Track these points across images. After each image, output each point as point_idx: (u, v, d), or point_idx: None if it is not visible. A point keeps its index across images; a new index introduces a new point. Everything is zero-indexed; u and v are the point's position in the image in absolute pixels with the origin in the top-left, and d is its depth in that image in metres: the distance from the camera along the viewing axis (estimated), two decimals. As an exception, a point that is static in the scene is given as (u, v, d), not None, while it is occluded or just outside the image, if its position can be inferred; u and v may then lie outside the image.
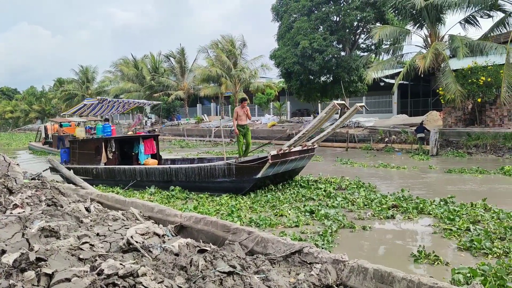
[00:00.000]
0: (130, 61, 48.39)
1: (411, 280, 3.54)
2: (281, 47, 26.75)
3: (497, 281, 4.06)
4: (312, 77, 26.17)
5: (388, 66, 22.54)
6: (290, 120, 33.44)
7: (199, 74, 38.65)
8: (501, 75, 17.97)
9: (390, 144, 20.87)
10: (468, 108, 20.02)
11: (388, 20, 24.33)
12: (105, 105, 13.70)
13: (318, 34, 24.85)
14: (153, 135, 13.58)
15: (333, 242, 6.08)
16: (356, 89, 26.24)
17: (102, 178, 11.90)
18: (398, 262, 5.21)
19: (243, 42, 37.59)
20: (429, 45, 20.88)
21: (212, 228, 5.27)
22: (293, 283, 3.71)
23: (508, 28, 19.75)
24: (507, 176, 11.85)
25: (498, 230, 6.13)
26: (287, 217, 7.54)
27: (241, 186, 9.65)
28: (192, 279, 3.76)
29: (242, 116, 11.86)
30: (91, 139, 12.97)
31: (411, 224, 7.08)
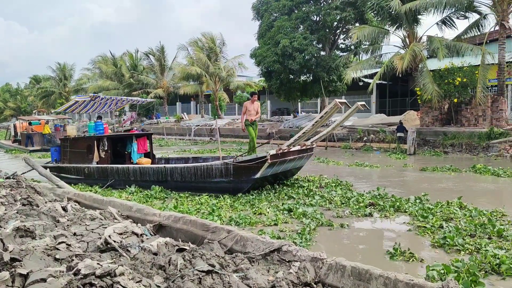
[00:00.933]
0: (109, 58, 47.80)
1: (388, 277, 3.59)
2: (262, 46, 26.79)
3: (470, 277, 4.16)
4: (292, 76, 26.28)
5: (367, 66, 22.80)
6: (270, 119, 33.52)
7: (178, 72, 38.43)
8: (476, 76, 18.39)
9: (368, 143, 21.12)
10: (445, 108, 20.40)
11: (368, 20, 24.61)
12: (98, 102, 13.32)
13: (298, 33, 24.97)
14: (147, 133, 13.26)
15: (311, 240, 6.12)
16: (335, 89, 26.47)
17: (94, 178, 11.52)
18: (374, 259, 5.28)
19: (223, 40, 37.53)
20: (407, 45, 21.21)
21: (191, 227, 5.25)
22: (272, 281, 3.72)
23: (483, 30, 20.22)
24: (478, 174, 12.15)
25: (468, 228, 6.28)
26: (266, 215, 7.56)
27: (239, 187, 9.35)
28: (171, 278, 3.74)
29: (252, 111, 11.20)
30: (83, 137, 12.66)
31: (388, 222, 7.18)
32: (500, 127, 17.79)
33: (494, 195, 9.66)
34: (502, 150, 16.16)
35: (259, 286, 3.68)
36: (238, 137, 29.13)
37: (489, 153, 16.47)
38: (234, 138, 29.13)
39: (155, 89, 41.37)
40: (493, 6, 18.88)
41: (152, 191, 10.02)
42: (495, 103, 18.73)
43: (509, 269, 4.64)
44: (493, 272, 4.69)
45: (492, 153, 16.44)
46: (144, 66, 44.84)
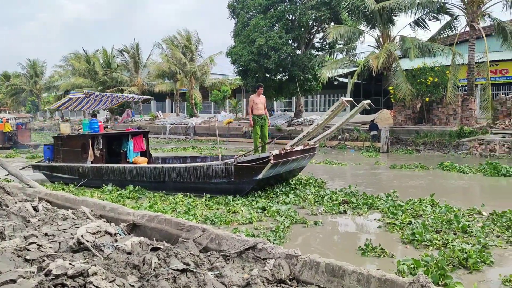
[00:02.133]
0: (82, 55, 46.86)
1: (361, 273, 3.66)
2: (237, 45, 26.76)
3: (438, 271, 4.28)
4: (268, 75, 26.34)
5: (341, 65, 23.07)
6: (246, 118, 33.51)
7: (153, 70, 38.04)
8: (447, 76, 18.85)
9: (343, 141, 21.39)
10: (417, 107, 20.83)
11: (343, 20, 24.86)
12: (92, 99, 12.81)
13: (274, 32, 25.04)
14: (143, 131, 12.89)
15: (285, 237, 6.17)
16: (310, 88, 26.66)
17: (89, 177, 11.13)
18: (347, 255, 5.36)
19: (199, 38, 37.33)
20: (381, 45, 21.55)
21: (165, 226, 5.22)
22: (247, 278, 3.74)
23: (454, 31, 20.73)
24: (445, 171, 12.52)
25: (435, 224, 6.45)
26: (240, 214, 7.58)
27: (240, 188, 9.02)
28: (145, 277, 3.72)
29: (259, 105, 10.65)
30: (77, 135, 12.23)
31: (361, 219, 7.30)
32: (469, 125, 18.29)
33: (460, 191, 9.97)
34: (472, 148, 16.62)
35: (234, 284, 3.70)
36: (214, 135, 29.04)
37: (459, 151, 16.91)
38: (210, 137, 29.04)
39: (129, 87, 40.80)
40: (464, 8, 19.37)
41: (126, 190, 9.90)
42: (465, 103, 19.24)
43: (476, 263, 4.80)
44: (460, 266, 4.84)
45: (462, 151, 16.89)
46: (118, 64, 44.16)
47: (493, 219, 6.65)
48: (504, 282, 4.42)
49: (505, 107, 17.50)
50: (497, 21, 19.30)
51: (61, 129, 13.07)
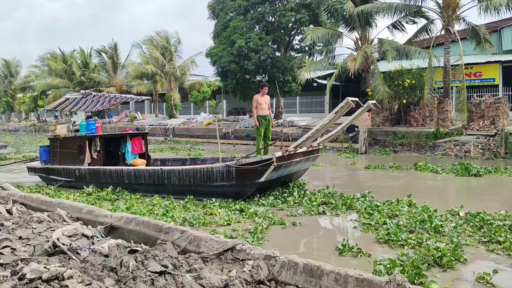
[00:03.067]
0: (58, 55, 46.04)
1: (339, 272, 3.70)
2: (217, 46, 26.70)
3: (414, 270, 4.37)
4: (248, 76, 26.36)
5: (320, 67, 23.25)
6: (226, 119, 33.48)
7: (132, 71, 37.61)
8: (424, 78, 19.18)
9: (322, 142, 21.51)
10: (395, 109, 21.13)
11: (322, 22, 25.06)
12: (89, 99, 12.46)
13: (254, 33, 25.08)
14: (142, 133, 12.58)
15: (263, 238, 6.19)
16: (290, 89, 26.78)
17: (85, 180, 10.86)
18: (325, 255, 5.42)
19: (178, 39, 37.12)
20: (360, 47, 21.80)
21: (143, 228, 5.18)
22: (225, 280, 3.74)
23: (430, 34, 21.12)
24: (419, 172, 12.79)
25: (409, 224, 6.57)
26: (217, 215, 7.56)
27: (242, 191, 8.70)
28: (123, 280, 3.69)
29: (263, 105, 10.37)
30: (73, 137, 11.87)
31: (338, 220, 7.36)
32: (445, 127, 18.65)
33: (434, 191, 10.18)
34: (447, 149, 16.95)
35: (212, 286, 3.69)
36: (193, 136, 28.95)
37: (435, 152, 17.23)
38: (189, 138, 28.92)
39: (108, 88, 40.29)
40: (440, 12, 19.76)
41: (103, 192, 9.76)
42: (441, 104, 19.62)
43: (450, 261, 4.91)
44: (435, 265, 4.94)
45: (438, 152, 17.21)
46: (96, 64, 43.55)
47: (466, 219, 6.78)
48: (478, 279, 4.53)
49: (479, 109, 17.90)
50: (472, 25, 19.75)
51: (57, 130, 12.68)
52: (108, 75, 42.14)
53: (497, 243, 5.58)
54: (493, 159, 15.21)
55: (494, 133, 16.57)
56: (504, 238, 5.65)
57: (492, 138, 16.46)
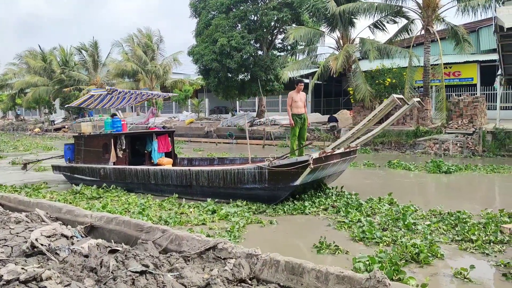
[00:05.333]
0: (38, 53, 45.32)
1: (320, 270, 3.73)
2: (199, 44, 26.59)
3: (392, 266, 4.44)
4: (230, 75, 26.33)
5: (303, 66, 23.36)
6: (208, 118, 33.39)
7: (113, 69, 37.24)
8: (405, 77, 19.44)
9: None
10: (376, 108, 21.32)
11: (304, 21, 25.17)
12: (115, 96, 12.05)
13: (236, 32, 25.05)
14: (168, 131, 12.20)
15: (240, 237, 6.20)
16: (272, 88, 26.85)
17: (110, 180, 10.46)
18: (303, 253, 5.44)
19: (160, 37, 36.89)
20: (341, 47, 21.97)
21: (124, 228, 5.14)
22: (207, 279, 3.73)
23: (410, 34, 21.41)
24: (392, 169, 13.03)
25: (382, 222, 6.66)
26: (188, 215, 7.52)
27: (275, 195, 8.13)
28: (103, 280, 3.66)
29: (299, 103, 9.69)
30: (98, 134, 11.51)
31: (314, 218, 7.36)
32: (425, 125, 18.93)
33: (406, 188, 10.33)
34: (427, 147, 17.21)
35: (193, 285, 3.69)
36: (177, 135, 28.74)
37: (415, 150, 17.48)
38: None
39: (88, 86, 39.79)
40: (420, 12, 20.04)
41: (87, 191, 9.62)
42: (421, 103, 19.87)
43: (427, 257, 5.00)
44: (412, 261, 5.02)
45: (418, 150, 17.45)
46: (76, 62, 42.95)
47: (442, 217, 6.86)
48: (455, 274, 4.63)
49: (458, 108, 18.20)
50: (451, 25, 20.09)
51: (82, 128, 12.37)
52: (88, 73, 41.62)
53: (470, 241, 5.67)
54: (471, 157, 15.50)
55: (472, 131, 16.88)
56: (477, 236, 5.74)
57: (470, 136, 16.77)
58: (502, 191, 10.18)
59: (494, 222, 6.36)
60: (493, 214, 6.81)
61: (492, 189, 10.54)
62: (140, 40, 36.30)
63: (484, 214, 6.90)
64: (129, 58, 35.62)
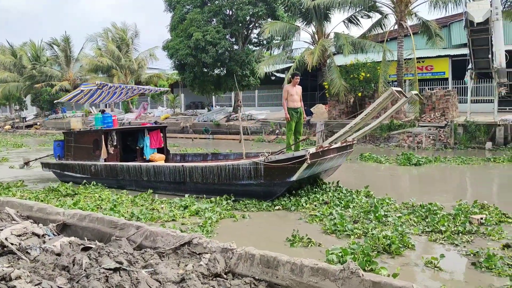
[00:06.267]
0: (7, 48, 44.04)
1: (294, 263, 3.77)
2: (174, 39, 26.33)
3: (364, 258, 4.52)
4: (205, 70, 26.19)
5: (278, 61, 23.41)
6: (184, 113, 33.14)
7: (86, 64, 36.53)
8: (379, 71, 19.70)
9: (280, 135, 21.75)
10: (350, 102, 21.58)
11: (279, 16, 25.18)
12: (105, 91, 11.70)
13: (211, 26, 24.89)
14: (160, 126, 12.01)
15: (212, 232, 6.21)
16: (248, 83, 26.83)
17: (101, 177, 10.29)
18: (277, 247, 5.44)
19: (136, 31, 36.37)
20: (316, 41, 22.10)
21: (98, 225, 5.08)
22: (181, 274, 3.72)
23: (384, 29, 21.67)
24: (364, 162, 13.28)
25: (354, 214, 6.76)
26: (159, 211, 7.49)
27: (271, 191, 8.01)
28: (75, 278, 3.61)
29: (295, 96, 9.46)
30: (89, 130, 11.26)
31: (286, 212, 7.40)
32: (399, 119, 19.24)
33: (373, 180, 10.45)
34: (401, 140, 17.52)
35: (168, 280, 3.67)
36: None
37: (389, 144, 17.77)
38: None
39: (61, 82, 38.95)
40: (393, 7, 20.31)
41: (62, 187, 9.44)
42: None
43: (398, 248, 5.12)
44: (384, 252, 5.13)
45: (392, 143, 17.75)
46: (48, 57, 41.94)
47: (414, 209, 6.97)
48: (426, 263, 4.74)
49: (430, 101, 18.54)
50: (423, 20, 20.42)
51: (72, 124, 12.02)
52: (61, 68, 40.72)
53: (439, 232, 5.79)
54: (443, 150, 15.85)
55: (444, 124, 17.26)
56: (447, 227, 5.87)
57: (442, 129, 17.14)
58: (473, 182, 10.48)
59: (464, 213, 6.52)
60: (465, 205, 6.97)
61: (463, 181, 10.83)
62: (114, 35, 35.70)
63: (457, 205, 7.03)
64: (102, 53, 34.99)
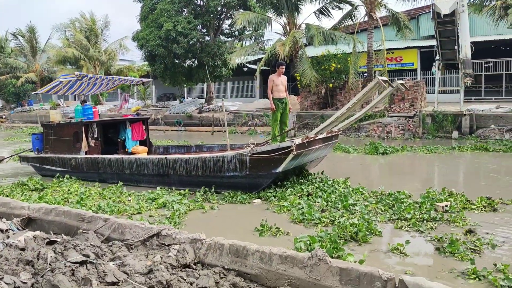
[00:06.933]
0: (-34, 38, 42.40)
1: (263, 251, 3.81)
2: (144, 29, 25.87)
3: (332, 245, 4.60)
4: (177, 61, 25.87)
5: (250, 52, 23.34)
6: (155, 105, 32.74)
7: (53, 55, 35.51)
8: (349, 63, 19.91)
9: (253, 127, 21.77)
10: (322, 93, 21.75)
11: (251, 6, 25.05)
12: (85, 82, 11.33)
13: (182, 17, 24.57)
14: (142, 118, 11.72)
15: (180, 223, 6.19)
16: (220, 74, 26.66)
17: (82, 170, 10.01)
18: (246, 236, 5.47)
19: (105, 22, 35.58)
20: (288, 33, 22.11)
21: (64, 218, 4.99)
22: (149, 265, 3.70)
23: (354, 20, 21.87)
24: (333, 152, 13.39)
25: (322, 204, 6.85)
26: (126, 204, 7.42)
27: (256, 182, 7.94)
28: (40, 273, 3.54)
29: (280, 86, 9.34)
30: (68, 123, 10.90)
31: (257, 203, 7.41)
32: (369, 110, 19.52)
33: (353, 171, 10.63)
34: (371, 130, 17.81)
35: (136, 272, 3.65)
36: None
37: (360, 134, 18.03)
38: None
39: (27, 73, 37.81)
40: (363, -2, 20.52)
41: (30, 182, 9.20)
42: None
43: (365, 236, 5.23)
44: (351, 240, 5.23)
45: (362, 133, 18.02)
46: (12, 48, 40.59)
47: (382, 198, 7.10)
48: (392, 250, 4.86)
49: (399, 92, 18.89)
50: (392, 12, 20.69)
51: (51, 116, 11.65)
52: (26, 60, 39.51)
53: (405, 220, 5.93)
54: (411, 139, 16.20)
55: (413, 114, 17.63)
56: (412, 215, 6.01)
57: (411, 119, 17.50)
58: (441, 170, 10.76)
59: (430, 201, 6.68)
60: (433, 193, 7.14)
61: (431, 169, 11.10)
62: (83, 25, 34.84)
63: (425, 193, 7.17)
64: (70, 44, 34.11)
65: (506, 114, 15.95)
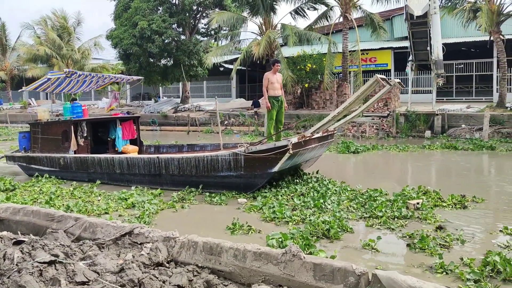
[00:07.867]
0: None
1: (237, 248, 3.79)
2: (118, 28, 25.54)
3: (303, 242, 4.63)
4: (152, 60, 25.62)
5: (227, 52, 23.32)
6: (130, 104, 32.32)
7: (24, 53, 34.66)
8: (324, 63, 20.10)
9: (229, 126, 21.72)
10: (298, 93, 21.90)
11: (227, 6, 25.01)
12: (74, 79, 10.98)
13: (157, 15, 24.35)
14: (133, 116, 11.46)
15: (150, 223, 6.13)
16: (196, 73, 26.53)
17: (71, 170, 9.73)
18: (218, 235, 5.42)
19: (78, 19, 34.91)
20: (264, 32, 22.17)
21: (33, 218, 4.86)
22: (121, 264, 3.64)
23: (330, 21, 22.09)
24: None
25: (293, 203, 6.85)
26: (95, 203, 7.32)
27: (251, 182, 7.75)
28: (6, 274, 3.43)
29: (275, 84, 9.26)
30: (57, 121, 10.57)
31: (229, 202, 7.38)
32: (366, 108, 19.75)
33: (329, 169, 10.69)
34: (346, 130, 17.99)
35: (107, 271, 3.57)
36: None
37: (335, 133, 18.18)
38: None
39: (-4, 72, 36.83)
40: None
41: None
42: (340, 88, 20.70)
43: (336, 233, 5.27)
44: (323, 237, 5.26)
45: (337, 132, 18.17)
46: (-19, 46, 39.43)
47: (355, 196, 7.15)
48: (364, 246, 4.92)
49: (373, 92, 19.13)
50: (367, 13, 21.00)
51: (39, 115, 11.30)
52: (-4, 58, 38.46)
53: (376, 218, 5.99)
54: (385, 138, 16.45)
55: (387, 114, 17.92)
56: (383, 213, 6.09)
57: (385, 118, 17.79)
58: (414, 168, 11.00)
59: (402, 198, 6.78)
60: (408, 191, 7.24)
61: (404, 167, 11.34)
62: (54, 23, 34.09)
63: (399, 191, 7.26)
64: (42, 42, 33.34)
65: (475, 114, 16.38)
